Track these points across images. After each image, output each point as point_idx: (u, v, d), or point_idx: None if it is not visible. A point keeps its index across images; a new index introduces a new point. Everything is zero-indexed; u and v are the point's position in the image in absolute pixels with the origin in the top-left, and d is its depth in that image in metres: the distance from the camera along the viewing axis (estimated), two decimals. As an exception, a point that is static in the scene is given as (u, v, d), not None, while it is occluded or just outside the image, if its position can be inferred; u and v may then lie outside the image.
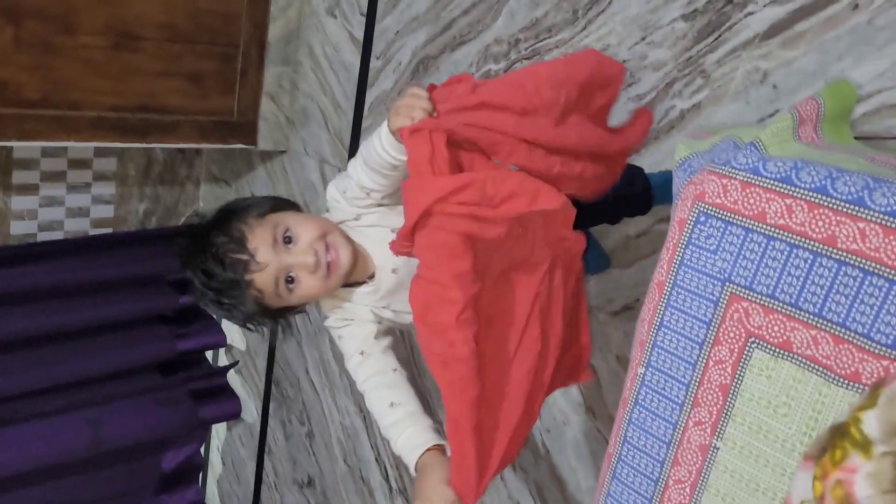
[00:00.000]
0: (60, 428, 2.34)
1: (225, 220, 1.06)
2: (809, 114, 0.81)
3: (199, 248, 1.05)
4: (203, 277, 1.05)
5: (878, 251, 0.64)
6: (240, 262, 1.02)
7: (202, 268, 1.04)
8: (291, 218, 1.07)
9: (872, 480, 0.62)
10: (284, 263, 1.03)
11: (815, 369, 0.69)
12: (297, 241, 1.04)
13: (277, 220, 1.06)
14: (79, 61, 1.90)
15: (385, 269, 1.11)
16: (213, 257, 1.03)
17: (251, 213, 1.06)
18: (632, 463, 0.83)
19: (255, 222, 1.05)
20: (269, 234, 1.04)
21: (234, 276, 1.02)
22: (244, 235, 1.03)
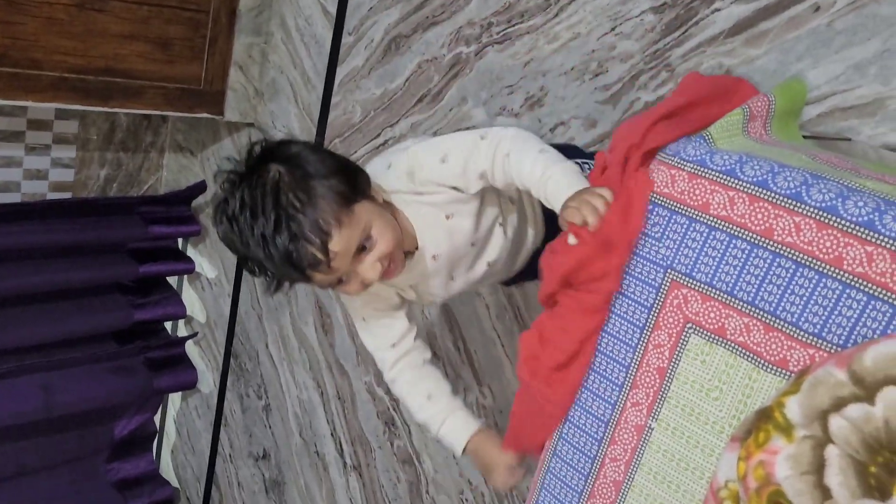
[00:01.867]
0: (11, 390, 2.31)
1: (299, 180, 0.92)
2: (760, 110, 0.84)
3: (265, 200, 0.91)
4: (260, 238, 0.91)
5: (811, 245, 0.67)
6: (311, 257, 0.92)
7: (263, 230, 0.90)
8: (377, 222, 0.97)
9: (792, 462, 0.65)
10: (350, 270, 0.97)
11: (746, 355, 0.72)
12: (370, 249, 0.97)
13: (366, 219, 0.96)
14: (41, 18, 1.86)
15: (426, 251, 1.06)
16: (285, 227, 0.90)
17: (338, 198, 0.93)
18: (572, 441, 0.85)
19: (343, 216, 0.93)
20: (355, 239, 0.94)
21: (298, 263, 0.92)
22: (329, 231, 0.91)
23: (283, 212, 0.90)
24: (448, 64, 1.82)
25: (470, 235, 1.05)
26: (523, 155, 0.96)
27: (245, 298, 2.60)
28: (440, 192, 1.01)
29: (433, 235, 1.03)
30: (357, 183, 0.98)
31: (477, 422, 1.12)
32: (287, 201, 0.90)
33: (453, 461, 1.91)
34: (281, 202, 0.90)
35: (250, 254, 0.94)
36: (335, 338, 2.24)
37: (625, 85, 1.49)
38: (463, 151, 0.99)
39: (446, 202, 1.02)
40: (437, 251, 1.05)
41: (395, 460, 2.09)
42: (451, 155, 0.99)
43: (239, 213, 0.92)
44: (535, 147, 0.97)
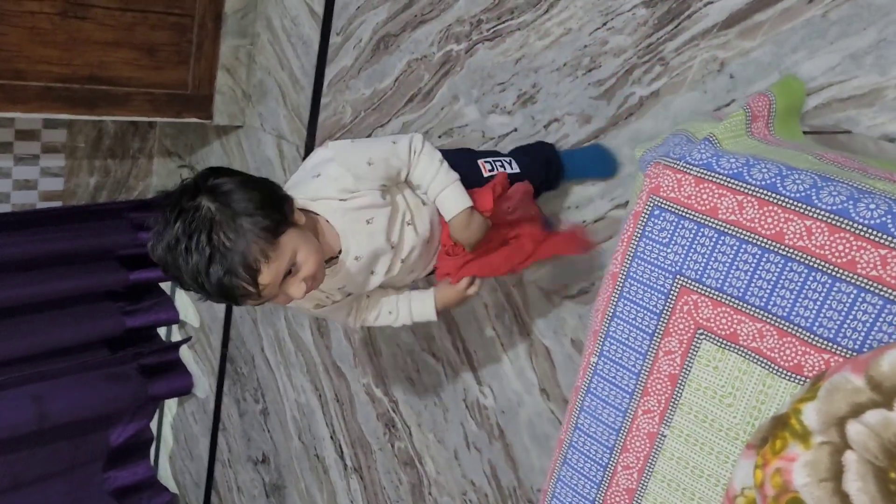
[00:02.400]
0: (3, 403, 2.29)
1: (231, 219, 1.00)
2: (761, 110, 0.82)
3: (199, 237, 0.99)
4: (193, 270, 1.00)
5: (823, 248, 0.66)
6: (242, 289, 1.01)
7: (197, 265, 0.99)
8: (301, 248, 1.06)
9: (810, 469, 0.65)
10: (278, 292, 1.06)
11: (759, 361, 0.71)
12: (296, 272, 1.06)
13: (290, 249, 1.04)
14: (24, 28, 1.82)
15: (350, 254, 1.16)
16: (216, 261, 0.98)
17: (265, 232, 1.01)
18: (582, 449, 0.84)
19: (269, 251, 1.01)
20: (282, 267, 1.03)
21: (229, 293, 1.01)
22: (259, 268, 1.00)
23: (215, 250, 0.99)
24: (438, 62, 1.80)
25: (386, 235, 1.18)
26: (429, 161, 1.18)
27: (239, 303, 2.58)
28: (362, 196, 1.13)
29: (356, 239, 1.16)
30: (282, 214, 1.05)
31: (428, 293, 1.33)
32: (218, 240, 0.99)
33: (456, 462, 1.91)
34: (213, 240, 0.99)
35: (184, 281, 1.03)
36: (331, 340, 2.23)
37: (619, 80, 1.47)
38: (384, 153, 1.15)
39: (366, 206, 1.14)
40: (359, 252, 1.17)
41: (397, 462, 2.08)
42: (375, 157, 1.14)
43: (174, 246, 1.01)
44: (437, 156, 1.19)
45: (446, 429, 1.92)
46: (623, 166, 1.48)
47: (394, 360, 2.03)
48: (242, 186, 1.05)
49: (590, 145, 1.52)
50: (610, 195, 1.50)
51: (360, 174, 1.12)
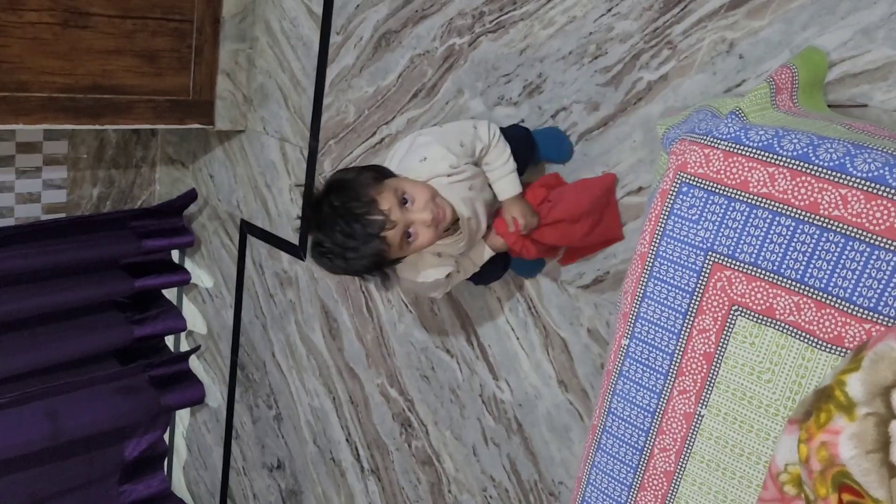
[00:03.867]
0: (17, 420, 2.27)
1: (343, 189, 1.25)
2: (785, 82, 0.81)
3: (330, 213, 1.23)
4: (340, 237, 1.22)
5: (860, 217, 0.65)
6: (377, 221, 1.21)
7: (339, 229, 1.22)
8: (406, 183, 1.28)
9: (856, 441, 0.64)
10: (409, 220, 1.25)
11: (798, 335, 0.70)
12: (414, 201, 1.26)
13: (394, 184, 1.26)
14: (25, 39, 1.81)
15: (465, 216, 1.37)
16: (350, 218, 1.21)
17: (369, 181, 1.26)
18: (616, 433, 0.83)
19: (377, 189, 1.24)
20: (393, 197, 1.24)
21: (372, 231, 1.21)
22: (376, 200, 1.22)
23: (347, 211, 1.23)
24: (441, 57, 1.79)
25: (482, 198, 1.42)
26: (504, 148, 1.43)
27: (248, 308, 2.57)
28: (463, 170, 1.36)
29: (467, 204, 1.37)
30: (379, 171, 1.31)
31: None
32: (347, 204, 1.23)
33: (474, 458, 1.89)
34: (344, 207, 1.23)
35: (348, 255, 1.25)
36: (343, 342, 2.21)
37: (626, 65, 1.46)
38: (471, 137, 1.40)
39: (468, 177, 1.37)
40: (470, 213, 1.38)
41: (414, 461, 2.06)
42: (465, 140, 1.39)
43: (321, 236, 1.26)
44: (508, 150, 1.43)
45: (463, 425, 1.91)
46: (627, 152, 1.47)
47: (408, 359, 2.02)
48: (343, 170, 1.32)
49: (547, 127, 1.60)
50: (621, 182, 1.49)
51: (458, 153, 1.36)
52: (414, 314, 1.98)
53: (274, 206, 2.37)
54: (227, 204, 2.56)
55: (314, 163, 2.19)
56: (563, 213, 1.43)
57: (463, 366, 1.88)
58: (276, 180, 2.34)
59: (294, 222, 2.31)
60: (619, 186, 1.50)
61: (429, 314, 1.94)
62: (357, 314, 2.15)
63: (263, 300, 2.49)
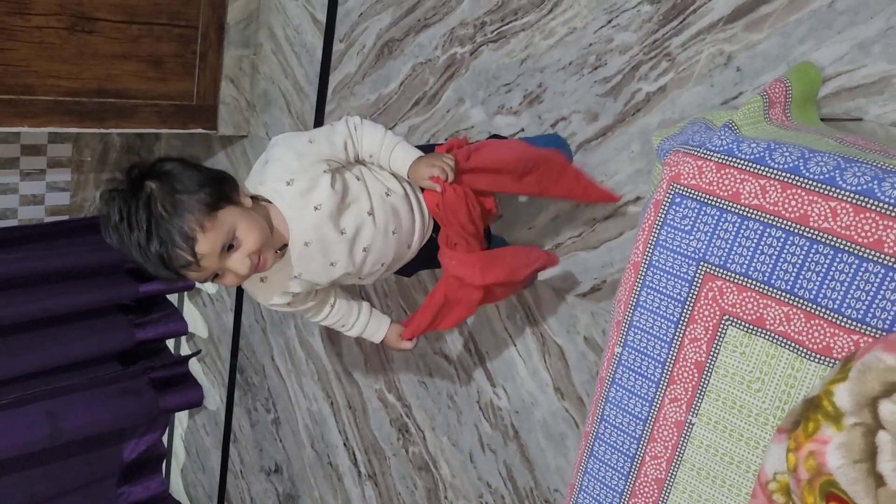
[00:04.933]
0: (18, 420, 2.28)
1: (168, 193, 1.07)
2: (778, 96, 0.83)
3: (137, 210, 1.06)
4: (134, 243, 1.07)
5: (848, 229, 0.66)
6: (181, 258, 1.06)
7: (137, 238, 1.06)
8: (241, 222, 1.10)
9: (844, 451, 0.65)
10: (220, 267, 1.11)
11: (787, 345, 0.71)
12: (238, 247, 1.10)
13: (228, 222, 1.09)
14: (32, 43, 1.83)
15: (299, 239, 1.19)
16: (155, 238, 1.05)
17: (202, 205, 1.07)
18: (609, 440, 0.84)
19: (206, 221, 1.07)
20: (219, 239, 1.08)
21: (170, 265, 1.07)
22: (194, 236, 1.06)
23: (153, 222, 1.05)
24: (443, 65, 1.81)
25: (335, 224, 1.20)
26: (372, 129, 1.23)
27: (248, 312, 2.58)
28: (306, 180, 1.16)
29: (303, 224, 1.18)
30: (222, 192, 1.11)
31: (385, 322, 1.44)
32: (157, 213, 1.06)
33: (471, 465, 1.90)
34: (153, 214, 1.06)
35: (131, 257, 1.10)
36: (342, 347, 2.22)
37: (625, 76, 1.48)
38: (323, 131, 1.21)
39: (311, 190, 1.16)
40: (307, 238, 1.19)
41: (411, 467, 2.07)
42: (315, 136, 1.20)
43: (119, 224, 1.08)
44: (380, 126, 1.24)
45: (460, 431, 1.91)
46: (625, 162, 1.48)
47: (406, 365, 2.03)
48: (185, 168, 1.12)
49: (548, 134, 1.58)
50: (619, 192, 1.50)
51: (302, 151, 1.16)
52: (413, 320, 1.99)
53: (275, 211, 2.38)
54: (228, 208, 2.58)
55: (316, 169, 2.20)
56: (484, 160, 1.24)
57: (461, 372, 1.89)
58: (278, 185, 2.35)
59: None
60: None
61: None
62: (356, 319, 2.16)
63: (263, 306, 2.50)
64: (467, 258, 1.25)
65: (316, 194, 1.16)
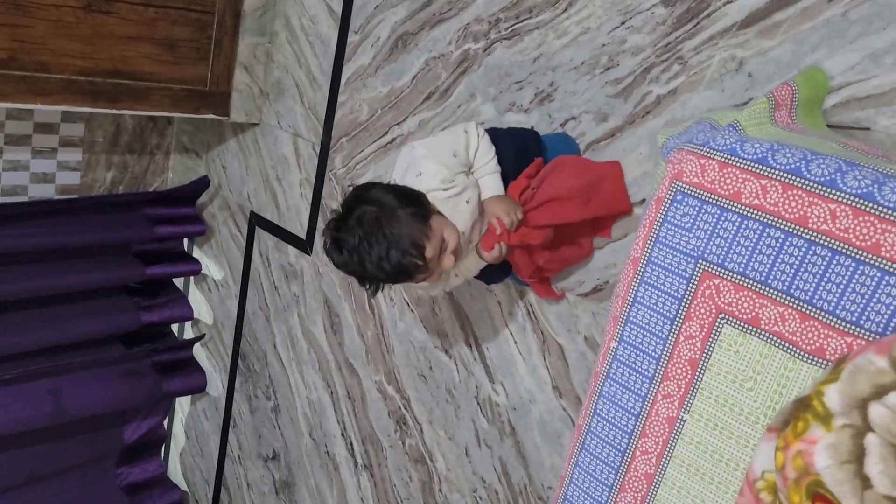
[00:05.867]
0: (21, 397, 2.30)
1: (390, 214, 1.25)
2: (784, 99, 0.83)
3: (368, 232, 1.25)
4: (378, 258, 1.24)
5: (847, 232, 0.66)
6: (415, 266, 1.25)
7: (379, 253, 1.24)
8: (446, 228, 1.30)
9: (832, 451, 0.65)
10: (439, 269, 1.30)
11: (781, 345, 0.72)
12: (445, 248, 1.29)
13: (438, 229, 1.28)
14: (48, 21, 1.85)
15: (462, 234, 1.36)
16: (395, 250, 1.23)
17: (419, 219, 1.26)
18: (600, 434, 0.85)
19: (427, 231, 1.27)
20: (437, 245, 1.27)
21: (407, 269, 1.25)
22: (424, 246, 1.25)
23: (390, 239, 1.24)
24: (456, 61, 1.82)
25: (475, 212, 1.38)
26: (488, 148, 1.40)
27: (252, 299, 2.59)
28: (457, 184, 1.34)
29: (462, 219, 1.35)
30: (423, 204, 1.30)
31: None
32: (389, 232, 1.24)
33: (466, 459, 1.91)
34: (385, 233, 1.24)
35: (367, 273, 1.28)
36: (344, 337, 2.23)
37: (636, 78, 1.48)
38: (462, 143, 1.38)
39: (462, 190, 1.34)
40: (465, 229, 1.36)
41: (407, 459, 2.08)
42: (458, 149, 1.37)
43: (357, 246, 1.26)
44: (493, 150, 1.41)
45: (457, 426, 1.92)
46: (633, 164, 1.49)
47: (406, 358, 2.04)
48: (386, 190, 1.30)
49: (558, 133, 1.60)
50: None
51: (451, 165, 1.34)
52: (415, 314, 2.00)
53: (283, 200, 2.39)
54: (237, 195, 2.59)
55: (325, 159, 2.21)
56: (547, 194, 1.39)
57: (460, 367, 1.89)
58: (287, 174, 2.36)
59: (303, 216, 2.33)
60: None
61: (430, 314, 1.96)
62: (359, 310, 2.17)
63: (268, 292, 2.52)
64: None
65: (466, 192, 1.35)
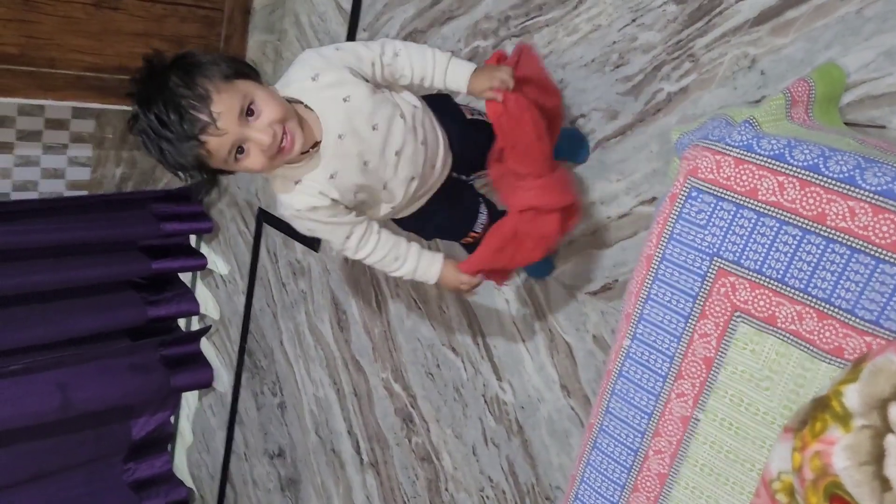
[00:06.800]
0: (28, 389, 2.31)
1: (187, 69, 1.07)
2: (801, 95, 0.82)
3: (155, 91, 1.06)
4: (154, 122, 1.06)
5: (866, 229, 0.66)
6: (199, 121, 1.04)
7: (156, 112, 1.05)
8: (259, 92, 1.09)
9: (850, 452, 0.64)
10: (242, 135, 1.07)
11: (798, 344, 0.71)
12: (258, 116, 1.08)
13: (246, 90, 1.08)
14: (57, 17, 1.85)
15: (332, 132, 1.18)
16: (171, 106, 1.04)
17: (217, 73, 1.07)
18: (613, 433, 0.84)
19: (222, 85, 1.06)
20: (236, 102, 1.06)
21: (189, 131, 1.04)
22: (209, 96, 1.04)
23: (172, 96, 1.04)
24: (466, 58, 1.81)
25: (368, 117, 1.19)
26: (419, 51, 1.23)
27: (259, 295, 2.59)
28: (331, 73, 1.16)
29: (335, 116, 1.17)
30: (241, 68, 1.12)
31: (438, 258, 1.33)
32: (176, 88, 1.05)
33: (473, 458, 1.90)
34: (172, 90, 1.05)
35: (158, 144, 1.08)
36: (351, 334, 2.23)
37: (647, 76, 1.47)
38: (354, 43, 1.22)
39: (337, 82, 1.16)
40: (341, 130, 1.17)
41: (414, 457, 2.08)
42: (342, 45, 1.21)
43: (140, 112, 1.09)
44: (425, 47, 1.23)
45: (465, 424, 1.91)
46: (643, 162, 1.48)
47: (413, 355, 2.03)
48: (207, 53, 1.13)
49: (568, 128, 1.56)
50: (635, 191, 1.50)
51: (327, 54, 1.18)
52: (422, 310, 2.00)
53: (291, 197, 2.39)
54: (245, 192, 2.59)
55: (333, 156, 2.21)
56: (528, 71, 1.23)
57: (468, 365, 1.89)
58: (295, 171, 2.36)
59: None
60: (633, 195, 1.50)
61: (437, 311, 1.95)
62: (366, 307, 2.16)
63: (275, 288, 2.51)
64: (545, 182, 1.20)
65: (345, 88, 1.17)
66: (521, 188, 1.20)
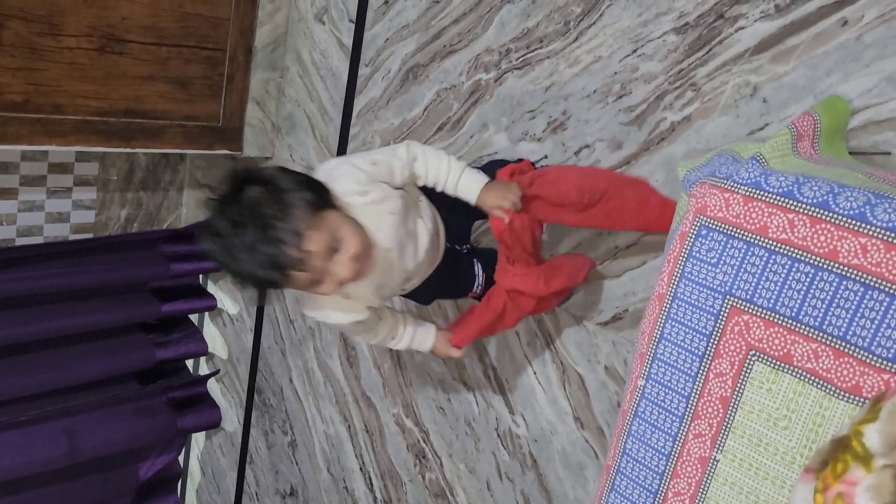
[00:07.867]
0: (35, 438, 2.29)
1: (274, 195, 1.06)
2: (806, 129, 0.82)
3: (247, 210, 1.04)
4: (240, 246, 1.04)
5: (879, 266, 0.65)
6: (289, 259, 1.04)
7: (246, 236, 1.03)
8: (346, 227, 1.11)
9: (873, 493, 0.63)
10: (325, 270, 1.09)
11: (815, 382, 0.70)
12: (342, 251, 1.10)
13: (334, 224, 1.10)
14: (62, 64, 1.87)
15: (381, 246, 1.21)
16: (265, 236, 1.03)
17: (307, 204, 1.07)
18: (630, 475, 0.83)
19: (313, 220, 1.07)
20: (324, 240, 1.07)
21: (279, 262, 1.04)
22: (303, 233, 1.05)
23: (264, 223, 1.03)
24: (467, 91, 1.82)
25: (407, 224, 1.26)
26: (435, 157, 1.26)
27: (268, 333, 2.59)
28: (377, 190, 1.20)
29: (384, 230, 1.21)
30: (323, 194, 1.13)
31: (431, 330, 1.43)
32: (267, 214, 1.04)
33: (488, 493, 1.88)
34: (263, 215, 1.04)
35: (239, 265, 1.06)
36: (361, 370, 2.22)
37: (650, 105, 1.48)
38: (385, 155, 1.23)
39: (384, 197, 1.20)
40: (390, 243, 1.22)
41: (428, 494, 2.05)
42: (378, 159, 1.22)
43: (226, 230, 1.05)
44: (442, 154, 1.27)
45: (478, 459, 1.89)
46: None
47: (424, 390, 2.02)
48: (284, 172, 1.12)
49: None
50: (643, 220, 1.49)
51: (368, 171, 1.20)
52: (432, 345, 1.99)
53: (297, 233, 2.39)
54: (251, 229, 2.59)
55: (338, 191, 2.22)
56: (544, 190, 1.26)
57: (479, 398, 1.87)
58: (301, 207, 2.36)
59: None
60: (641, 225, 1.50)
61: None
62: (375, 343, 2.15)
63: (283, 326, 2.51)
64: (530, 272, 1.31)
65: (390, 203, 1.21)
66: (510, 272, 1.31)
